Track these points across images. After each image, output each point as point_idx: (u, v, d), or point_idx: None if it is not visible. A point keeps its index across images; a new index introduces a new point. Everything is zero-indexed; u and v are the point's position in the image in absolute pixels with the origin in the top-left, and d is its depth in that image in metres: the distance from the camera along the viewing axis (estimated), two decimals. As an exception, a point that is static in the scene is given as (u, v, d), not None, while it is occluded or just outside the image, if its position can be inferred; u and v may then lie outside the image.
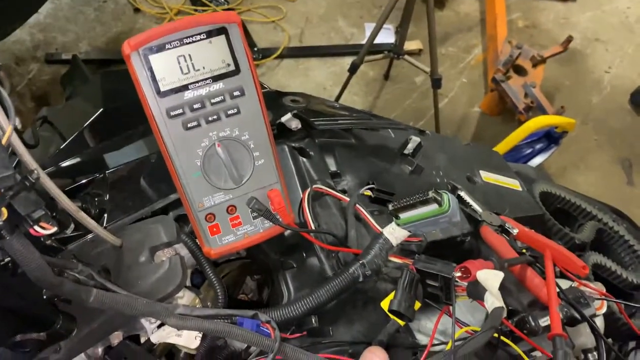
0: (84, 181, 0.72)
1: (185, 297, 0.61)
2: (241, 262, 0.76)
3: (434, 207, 0.59)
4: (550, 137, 1.95)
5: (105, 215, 0.69)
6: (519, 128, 1.83)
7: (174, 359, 0.62)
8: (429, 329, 0.69)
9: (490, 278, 0.60)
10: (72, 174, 0.73)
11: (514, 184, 0.99)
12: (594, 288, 0.82)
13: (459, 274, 0.62)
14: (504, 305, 0.60)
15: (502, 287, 0.69)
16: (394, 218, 0.62)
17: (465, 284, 0.63)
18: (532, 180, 1.10)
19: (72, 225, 0.62)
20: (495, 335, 0.63)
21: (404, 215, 0.61)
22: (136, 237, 0.61)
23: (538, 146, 1.97)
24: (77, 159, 0.76)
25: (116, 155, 0.76)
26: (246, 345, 0.66)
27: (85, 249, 0.63)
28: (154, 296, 0.57)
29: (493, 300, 0.60)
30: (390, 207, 0.60)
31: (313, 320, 0.61)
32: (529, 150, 1.96)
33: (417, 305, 0.64)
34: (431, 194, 0.58)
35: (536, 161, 1.92)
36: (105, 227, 0.64)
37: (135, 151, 0.77)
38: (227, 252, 0.63)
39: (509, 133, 1.83)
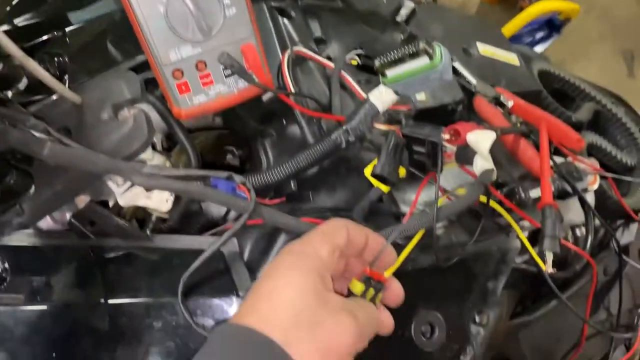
0: (41, 39, 0.66)
1: (154, 160, 0.57)
2: (218, 132, 0.71)
3: (424, 60, 0.53)
4: (551, 25, 1.85)
5: (67, 77, 0.63)
6: (521, 13, 1.73)
7: (145, 224, 0.59)
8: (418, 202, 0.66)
9: (481, 139, 0.56)
10: (27, 31, 0.67)
11: (512, 58, 0.93)
12: (588, 163, 0.79)
13: (447, 137, 0.58)
14: (494, 168, 0.56)
15: (493, 159, 0.65)
16: (380, 76, 0.57)
17: (454, 148, 0.60)
18: (531, 58, 1.03)
19: (25, 80, 0.56)
20: (483, 199, 0.60)
21: (391, 73, 0.56)
22: (97, 94, 0.56)
23: (539, 35, 1.88)
24: (33, 16, 0.68)
25: (77, 12, 0.69)
26: (224, 213, 0.63)
27: (44, 111, 0.58)
28: (118, 155, 0.52)
29: (482, 162, 0.56)
30: (377, 62, 0.55)
31: (292, 184, 0.58)
32: (529, 39, 1.87)
33: (402, 171, 0.61)
34: (422, 44, 0.52)
35: (536, 51, 1.84)
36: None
37: (99, 7, 0.69)
38: (198, 114, 0.58)
39: (508, 21, 1.73)
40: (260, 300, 0.40)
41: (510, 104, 0.78)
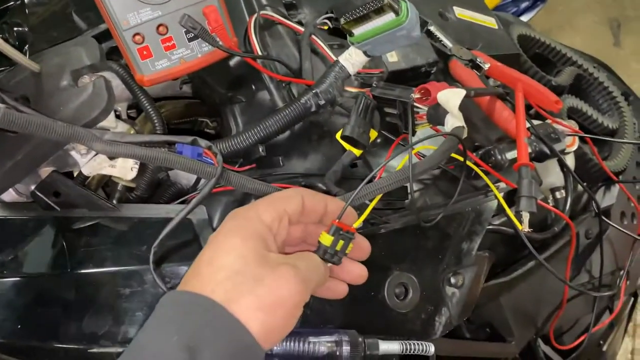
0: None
1: (118, 129, 0.56)
2: (187, 101, 0.70)
3: (390, 16, 0.52)
4: (536, -6, 1.84)
5: (27, 47, 0.61)
6: (504, -18, 1.71)
7: (111, 194, 0.58)
8: (389, 165, 0.66)
9: (451, 97, 0.55)
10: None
11: (490, 22, 0.91)
12: (567, 125, 0.79)
13: (418, 96, 0.57)
14: (465, 125, 0.56)
15: (469, 123, 0.64)
16: (347, 36, 0.56)
17: (425, 108, 0.58)
18: (511, 23, 1.02)
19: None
20: (459, 158, 0.59)
21: (357, 31, 0.54)
22: (56, 61, 0.54)
23: (523, 5, 1.86)
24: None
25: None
26: (193, 182, 0.62)
27: (2, 81, 0.56)
28: (78, 122, 0.51)
29: (453, 120, 0.55)
30: (342, 20, 0.53)
31: (260, 149, 0.57)
32: (513, 9, 1.86)
33: (374, 134, 0.60)
34: (386, 0, 0.51)
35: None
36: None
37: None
38: (162, 80, 0.57)
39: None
40: (202, 265, 0.41)
41: (486, 66, 0.77)
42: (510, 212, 0.61)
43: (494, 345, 0.77)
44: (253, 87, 0.64)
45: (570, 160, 0.84)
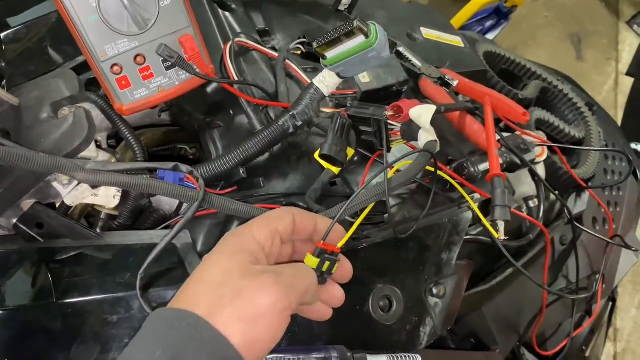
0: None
1: (99, 158, 0.57)
2: (166, 128, 0.71)
3: (360, 39, 0.54)
4: (499, 13, 1.91)
5: (4, 82, 0.62)
6: (468, 4, 1.77)
7: (95, 223, 0.58)
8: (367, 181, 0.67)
9: (423, 113, 0.57)
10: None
11: (456, 40, 0.95)
12: (535, 136, 0.82)
13: (391, 113, 0.59)
14: (437, 140, 0.58)
15: (442, 138, 0.67)
16: (320, 59, 0.58)
17: (399, 125, 0.61)
18: (476, 41, 1.06)
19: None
20: (432, 169, 0.61)
21: (330, 54, 0.57)
22: (35, 94, 0.55)
23: (488, 23, 1.93)
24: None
25: (15, 17, 0.68)
26: (176, 207, 0.63)
27: (-18, 116, 0.56)
28: (60, 153, 0.52)
29: (426, 135, 0.58)
30: (315, 44, 0.55)
31: (241, 171, 0.58)
32: (479, 29, 1.92)
33: (351, 151, 0.62)
34: (356, 23, 0.53)
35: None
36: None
37: (36, 10, 0.68)
38: (141, 108, 0.58)
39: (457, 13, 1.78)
40: (190, 283, 0.41)
41: (455, 83, 0.80)
42: (486, 221, 0.63)
43: (479, 354, 0.78)
44: (231, 111, 0.66)
45: (540, 170, 0.87)
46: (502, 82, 0.96)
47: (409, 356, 0.51)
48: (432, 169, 0.61)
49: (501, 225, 0.62)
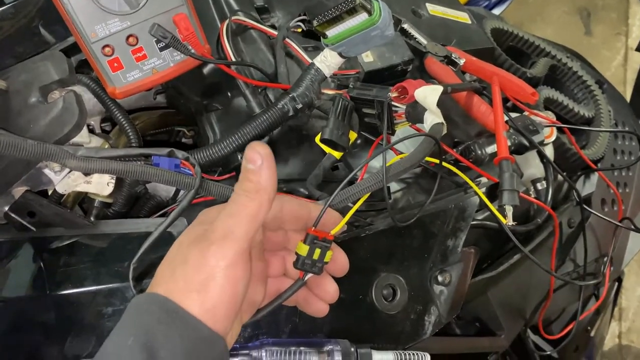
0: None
1: (92, 143, 0.54)
2: (162, 111, 0.68)
3: (363, 16, 0.51)
4: (507, -13, 1.86)
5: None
6: (474, -23, 1.72)
7: (88, 211, 0.56)
8: (370, 166, 0.65)
9: (429, 94, 0.55)
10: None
11: (463, 17, 0.91)
12: (544, 116, 0.79)
13: (395, 94, 0.57)
14: (444, 122, 0.55)
15: (448, 119, 0.64)
16: (321, 38, 0.55)
17: (403, 106, 0.58)
18: (484, 17, 1.02)
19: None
20: (436, 161, 0.59)
21: (331, 32, 0.54)
22: (23, 78, 0.52)
23: (495, -2, 1.88)
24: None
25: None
26: (173, 194, 0.61)
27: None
28: (50, 139, 0.50)
29: (432, 117, 0.55)
30: (315, 22, 0.53)
31: (239, 156, 0.56)
32: (485, 3, 1.87)
33: (353, 135, 0.59)
34: (358, 0, 0.50)
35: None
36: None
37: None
38: (135, 91, 0.56)
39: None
40: (159, 265, 0.41)
41: (461, 62, 0.77)
42: (493, 207, 0.61)
43: (484, 339, 0.77)
44: (229, 94, 0.63)
45: (549, 151, 0.84)
46: (510, 60, 0.93)
47: (417, 354, 0.49)
48: (437, 157, 0.58)
49: (509, 210, 0.60)
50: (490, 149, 0.68)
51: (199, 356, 0.37)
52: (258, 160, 0.40)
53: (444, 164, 0.60)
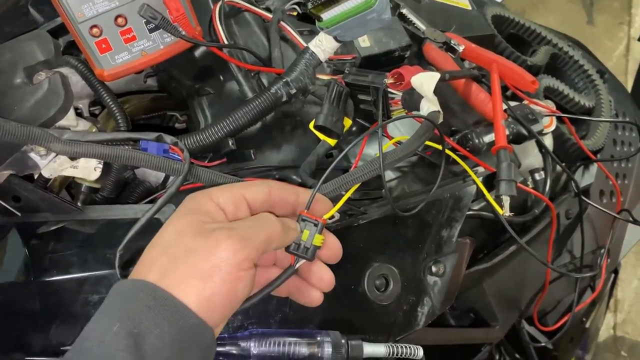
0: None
1: (79, 127, 0.53)
2: (153, 95, 0.67)
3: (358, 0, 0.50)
4: (509, -26, 1.82)
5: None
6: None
7: (76, 196, 0.55)
8: (365, 153, 0.64)
9: (426, 81, 0.53)
10: None
11: (463, 2, 0.89)
12: (544, 105, 0.78)
13: (391, 81, 0.55)
14: (441, 110, 0.54)
15: (445, 107, 0.63)
16: (316, 21, 0.54)
17: (400, 93, 0.57)
18: (484, 3, 1.00)
19: None
20: (436, 145, 0.58)
21: (326, 15, 0.52)
22: (7, 58, 0.51)
23: (497, -15, 1.85)
24: None
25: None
26: (162, 180, 0.59)
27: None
28: (34, 121, 0.48)
29: (429, 105, 0.54)
30: (309, 4, 0.51)
31: (230, 142, 0.54)
32: (487, -10, 1.84)
33: (348, 122, 0.58)
34: (354, -19, 0.49)
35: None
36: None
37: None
38: (124, 74, 0.54)
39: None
40: (145, 251, 0.40)
41: (460, 48, 0.75)
42: (490, 197, 0.60)
43: (479, 330, 0.76)
44: (221, 77, 0.62)
45: (548, 141, 0.83)
46: (510, 47, 0.92)
47: (409, 347, 0.48)
48: (435, 145, 0.57)
49: (506, 200, 0.59)
50: (488, 138, 0.67)
51: (188, 345, 0.36)
52: None
53: (448, 151, 0.59)
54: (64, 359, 0.35)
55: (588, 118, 0.90)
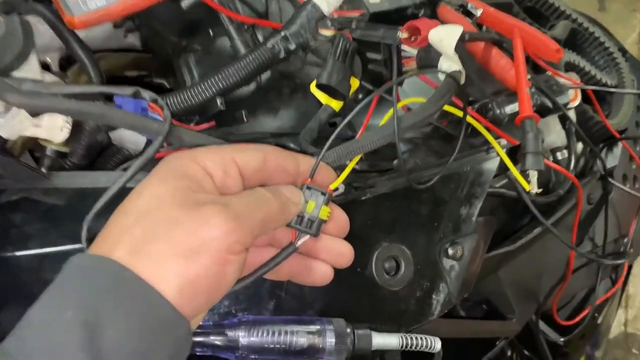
0: None
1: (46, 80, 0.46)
2: (135, 54, 0.60)
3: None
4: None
5: None
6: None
7: (40, 161, 0.48)
8: (371, 124, 0.57)
9: (446, 36, 0.46)
10: None
11: (479, -32, 0.82)
12: (568, 78, 0.71)
13: (405, 35, 0.48)
14: (463, 69, 0.47)
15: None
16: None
17: (415, 50, 0.50)
18: (501, -27, 0.93)
19: None
20: (455, 111, 0.51)
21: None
22: (-41, -3, 0.44)
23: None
24: None
25: None
26: (143, 146, 0.52)
27: None
28: (-13, 70, 0.41)
29: (449, 64, 0.47)
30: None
31: (218, 101, 0.47)
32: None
33: (355, 82, 0.51)
34: None
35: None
36: None
37: None
38: (97, 21, 0.47)
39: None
40: (111, 219, 0.34)
41: (478, 12, 0.68)
42: (516, 171, 0.53)
43: (494, 323, 0.70)
44: (210, 32, 0.55)
45: (572, 117, 0.76)
46: (529, 19, 0.85)
47: (425, 338, 0.41)
48: (454, 110, 0.50)
49: (533, 176, 0.52)
50: (510, 108, 0.60)
51: (156, 339, 0.30)
52: None
53: (469, 120, 0.52)
54: (1, 348, 0.28)
55: (616, 90, 0.83)
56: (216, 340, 0.41)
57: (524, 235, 0.61)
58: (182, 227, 0.31)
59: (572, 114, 0.75)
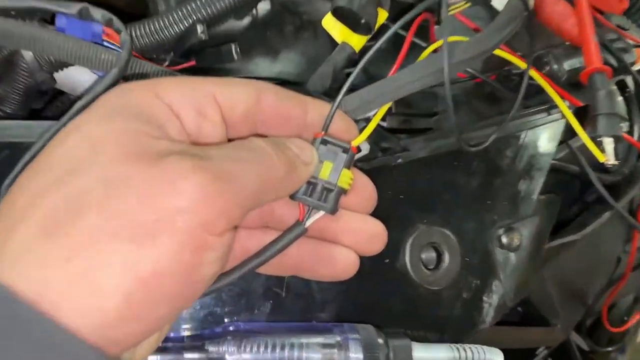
0: None
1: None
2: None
3: None
4: None
5: None
6: None
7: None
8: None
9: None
10: None
11: None
12: (631, 36, 0.60)
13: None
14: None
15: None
16: None
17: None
18: None
19: None
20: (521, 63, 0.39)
21: None
22: None
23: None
24: None
25: None
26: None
27: None
28: None
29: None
30: None
31: (199, 29, 0.35)
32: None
33: (383, 14, 0.39)
34: None
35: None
36: None
37: None
38: None
39: None
40: (15, 184, 0.23)
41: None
42: (586, 137, 0.41)
43: (536, 330, 0.58)
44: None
45: (630, 84, 0.65)
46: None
47: (483, 349, 0.29)
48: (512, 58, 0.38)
49: (609, 143, 0.41)
50: (569, 63, 0.49)
51: None
52: None
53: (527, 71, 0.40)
54: None
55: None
56: (192, 357, 0.29)
57: (594, 219, 0.49)
58: (131, 191, 0.20)
59: (629, 82, 0.64)
